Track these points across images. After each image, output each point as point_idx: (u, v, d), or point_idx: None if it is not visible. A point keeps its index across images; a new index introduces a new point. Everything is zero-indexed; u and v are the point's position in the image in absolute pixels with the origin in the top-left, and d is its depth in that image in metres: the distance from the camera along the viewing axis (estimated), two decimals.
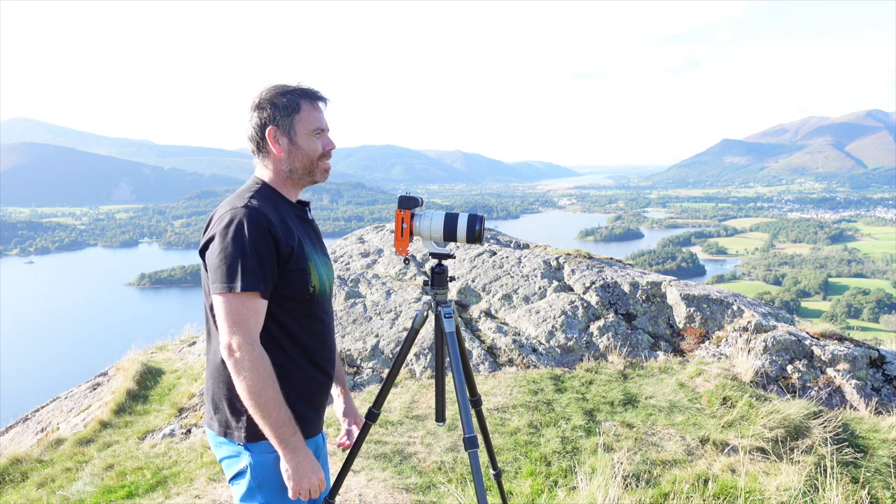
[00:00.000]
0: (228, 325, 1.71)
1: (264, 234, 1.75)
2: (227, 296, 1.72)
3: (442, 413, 2.55)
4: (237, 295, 1.72)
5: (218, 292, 1.73)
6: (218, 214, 1.81)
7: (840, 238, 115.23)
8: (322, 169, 1.97)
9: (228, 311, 1.72)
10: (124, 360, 6.83)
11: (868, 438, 4.00)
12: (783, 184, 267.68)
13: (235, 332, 1.71)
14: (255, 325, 1.74)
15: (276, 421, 1.72)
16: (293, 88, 1.92)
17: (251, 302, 1.73)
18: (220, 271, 1.73)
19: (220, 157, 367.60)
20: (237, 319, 1.71)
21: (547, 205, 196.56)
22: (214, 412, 1.90)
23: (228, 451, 1.89)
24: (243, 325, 1.72)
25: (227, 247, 1.73)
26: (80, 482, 4.20)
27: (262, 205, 1.82)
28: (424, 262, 7.17)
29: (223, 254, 1.73)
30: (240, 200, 1.82)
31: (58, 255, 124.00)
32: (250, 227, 1.74)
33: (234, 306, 1.72)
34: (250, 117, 1.92)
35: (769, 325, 5.43)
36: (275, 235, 1.77)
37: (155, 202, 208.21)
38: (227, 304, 1.72)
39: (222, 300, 1.73)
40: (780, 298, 62.39)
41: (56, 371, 44.72)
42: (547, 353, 5.40)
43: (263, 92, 1.91)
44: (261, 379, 1.70)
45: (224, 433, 1.87)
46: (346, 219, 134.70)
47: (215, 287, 1.73)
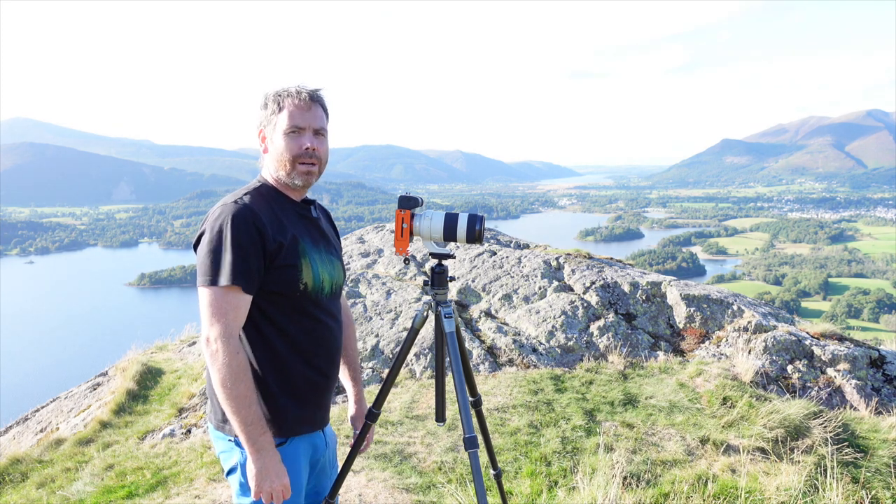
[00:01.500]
0: (208, 318, 1.74)
1: (249, 229, 1.77)
2: (209, 289, 1.74)
3: (442, 413, 2.55)
4: (218, 288, 1.74)
5: (200, 285, 1.76)
6: (209, 212, 1.85)
7: (840, 238, 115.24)
8: (300, 171, 1.91)
9: (209, 304, 1.74)
10: (124, 360, 6.83)
11: (868, 438, 4.00)
12: (783, 184, 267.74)
13: (213, 324, 1.73)
14: (233, 319, 1.75)
15: (244, 418, 1.73)
16: (285, 89, 1.93)
17: (232, 296, 1.75)
18: (203, 265, 1.76)
19: (220, 157, 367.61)
20: (216, 312, 1.73)
21: (547, 205, 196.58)
22: (212, 406, 1.93)
23: (223, 445, 1.91)
24: (222, 318, 1.73)
25: (212, 241, 1.76)
26: (80, 482, 4.20)
27: (255, 202, 1.85)
28: (424, 262, 7.17)
29: (207, 248, 1.76)
30: (232, 198, 1.86)
31: (58, 255, 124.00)
32: (236, 222, 1.76)
33: (214, 299, 1.74)
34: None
35: (769, 325, 5.43)
36: (261, 230, 1.79)
37: (155, 202, 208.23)
38: (208, 296, 1.74)
39: (204, 293, 1.75)
40: (781, 298, 62.40)
41: (56, 371, 44.71)
42: (547, 353, 5.40)
43: (265, 94, 1.95)
44: (233, 373, 1.71)
45: (219, 427, 1.90)
46: (346, 219, 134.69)
47: (199, 280, 1.77)
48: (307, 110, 1.90)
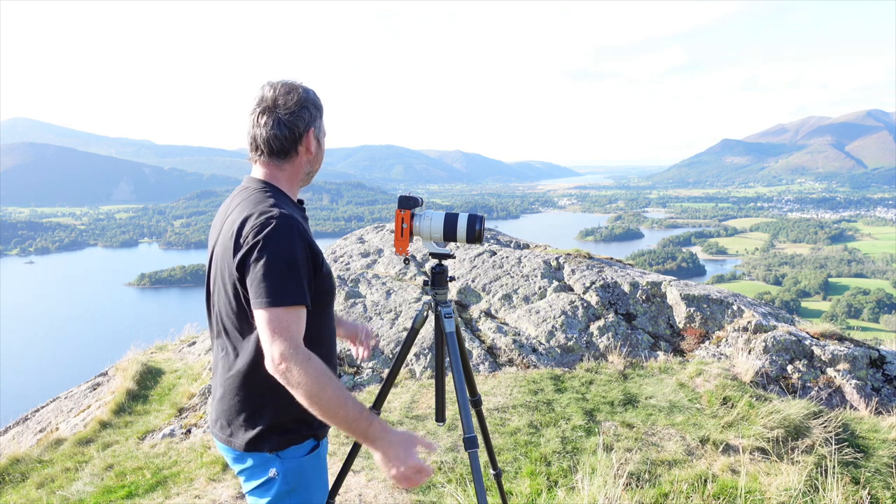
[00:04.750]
0: (274, 336, 1.62)
1: (303, 244, 1.71)
2: (274, 310, 1.64)
3: (442, 413, 2.55)
4: (286, 308, 1.65)
5: (263, 307, 1.64)
6: (251, 223, 1.71)
7: (840, 238, 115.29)
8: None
9: (274, 323, 1.63)
10: (124, 360, 6.83)
11: (868, 438, 4.00)
12: (783, 184, 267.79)
13: (277, 341, 1.62)
14: (297, 332, 1.66)
15: (345, 417, 1.63)
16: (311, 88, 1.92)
17: (295, 313, 1.67)
18: (263, 285, 1.64)
19: (220, 157, 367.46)
20: (279, 329, 1.63)
21: (547, 205, 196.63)
22: (237, 429, 1.81)
23: (253, 461, 1.80)
24: (286, 332, 1.63)
25: (273, 259, 1.65)
26: (79, 482, 4.20)
27: (289, 209, 1.77)
28: (424, 262, 7.17)
29: (269, 266, 1.65)
30: (269, 206, 1.74)
31: (58, 255, 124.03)
32: (291, 237, 1.68)
33: (279, 318, 1.64)
34: (285, 117, 1.80)
35: (769, 325, 5.43)
36: (310, 243, 1.74)
37: (155, 202, 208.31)
38: (272, 316, 1.63)
39: (266, 315, 1.64)
40: (781, 298, 62.42)
41: (56, 371, 44.70)
42: (547, 353, 5.40)
43: (300, 91, 1.83)
44: (315, 381, 1.61)
45: (251, 448, 1.79)
46: (346, 219, 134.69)
47: (259, 302, 1.65)
48: None
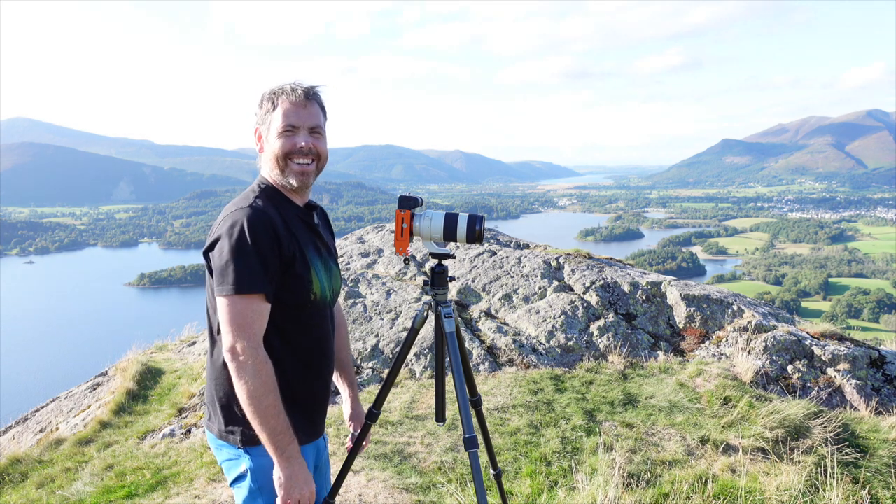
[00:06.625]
0: (232, 329, 1.68)
1: (268, 236, 1.72)
2: (232, 298, 1.69)
3: (442, 413, 2.55)
4: (242, 297, 1.69)
5: (222, 294, 1.70)
6: (223, 215, 1.80)
7: (840, 238, 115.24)
8: (294, 171, 1.87)
9: (233, 314, 1.69)
10: (124, 360, 6.82)
11: (868, 438, 4.00)
12: (783, 184, 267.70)
13: (239, 335, 1.68)
14: (259, 329, 1.71)
15: (273, 428, 1.69)
16: (280, 87, 1.88)
17: (256, 304, 1.71)
18: (224, 273, 1.70)
19: (220, 157, 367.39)
20: (241, 322, 1.68)
21: (547, 205, 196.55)
22: (214, 415, 1.88)
23: (228, 454, 1.87)
24: (247, 328, 1.69)
25: (232, 248, 1.70)
26: (79, 482, 4.20)
27: (267, 206, 1.80)
28: (424, 262, 7.17)
29: (227, 255, 1.70)
30: (245, 201, 1.81)
31: (58, 255, 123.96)
32: (254, 228, 1.71)
33: (238, 309, 1.69)
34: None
35: (769, 325, 5.42)
36: (278, 236, 1.75)
37: (155, 202, 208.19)
38: (231, 306, 1.69)
39: (226, 302, 1.69)
40: (781, 298, 62.40)
41: (56, 371, 44.69)
42: (547, 353, 5.40)
43: (263, 92, 1.91)
44: (262, 384, 1.67)
45: (223, 436, 1.86)
46: (346, 219, 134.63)
47: (220, 289, 1.71)
48: (302, 108, 1.86)
